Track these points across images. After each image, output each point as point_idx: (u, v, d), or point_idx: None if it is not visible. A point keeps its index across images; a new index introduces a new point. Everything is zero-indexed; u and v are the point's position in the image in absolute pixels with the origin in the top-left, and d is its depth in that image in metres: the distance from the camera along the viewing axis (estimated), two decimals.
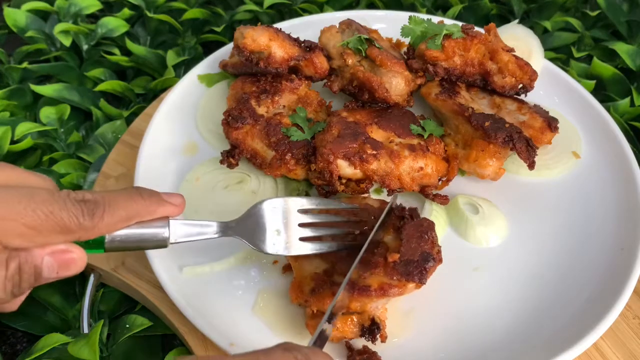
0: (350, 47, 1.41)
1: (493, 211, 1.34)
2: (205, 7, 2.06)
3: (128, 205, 0.93)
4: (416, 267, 1.06)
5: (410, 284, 1.05)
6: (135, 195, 0.95)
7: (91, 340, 1.15)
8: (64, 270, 0.89)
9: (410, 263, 1.07)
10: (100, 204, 0.88)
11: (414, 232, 1.12)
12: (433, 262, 1.07)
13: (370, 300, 1.05)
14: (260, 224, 1.10)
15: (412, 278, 1.05)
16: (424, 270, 1.06)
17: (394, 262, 1.07)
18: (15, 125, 1.60)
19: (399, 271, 1.06)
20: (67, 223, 0.84)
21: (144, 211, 0.96)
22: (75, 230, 0.85)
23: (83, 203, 0.86)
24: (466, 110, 1.33)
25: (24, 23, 1.91)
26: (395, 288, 1.05)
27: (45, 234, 0.83)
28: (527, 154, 1.28)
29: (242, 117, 1.33)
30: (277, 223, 1.11)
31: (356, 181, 1.30)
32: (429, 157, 1.30)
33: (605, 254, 1.27)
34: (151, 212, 0.97)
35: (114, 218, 0.90)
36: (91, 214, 0.86)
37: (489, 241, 1.30)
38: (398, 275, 1.05)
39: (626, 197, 1.35)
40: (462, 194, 1.37)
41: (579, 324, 1.14)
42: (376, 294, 1.04)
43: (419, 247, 1.09)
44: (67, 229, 0.84)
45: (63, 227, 0.83)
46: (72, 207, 0.84)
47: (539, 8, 2.08)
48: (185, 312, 1.13)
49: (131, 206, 0.93)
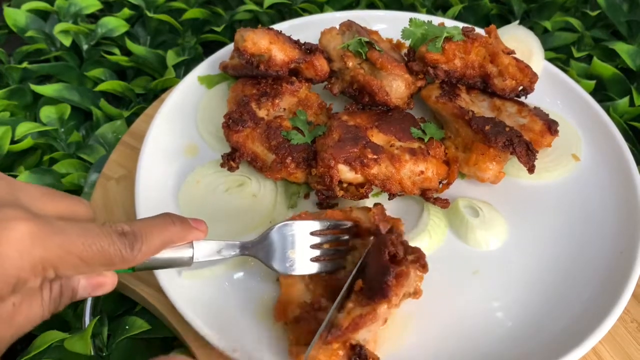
0: (351, 50, 1.41)
1: (493, 214, 1.34)
2: (205, 7, 2.06)
3: (162, 233, 0.99)
4: (377, 286, 1.01)
5: (380, 307, 1.00)
6: (168, 223, 1.01)
7: (85, 334, 1.17)
8: (96, 292, 0.98)
9: (371, 282, 1.03)
10: (138, 237, 0.93)
11: (374, 253, 1.09)
12: (393, 274, 1.01)
13: (346, 338, 1.01)
14: (275, 245, 1.16)
15: (375, 297, 1.00)
16: (385, 285, 1.00)
17: (361, 290, 1.04)
18: (15, 125, 1.60)
19: (365, 297, 1.02)
20: (112, 257, 0.89)
21: (175, 238, 1.03)
22: (116, 263, 0.90)
23: (124, 236, 0.91)
24: (466, 113, 1.33)
25: (24, 23, 1.90)
26: (365, 317, 0.99)
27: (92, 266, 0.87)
28: (527, 158, 1.28)
29: (243, 120, 1.33)
30: (291, 245, 1.16)
31: (356, 186, 1.30)
32: (429, 161, 1.30)
33: (604, 258, 1.27)
34: (181, 238, 1.04)
35: (150, 248, 0.96)
36: (132, 246, 0.91)
37: (489, 244, 1.30)
38: (366, 301, 1.02)
39: (625, 201, 1.35)
40: (462, 197, 1.37)
41: (577, 328, 1.14)
42: (349, 330, 0.99)
43: (376, 263, 1.05)
44: (111, 262, 0.89)
45: (109, 260, 0.88)
46: (117, 242, 0.89)
47: (539, 8, 2.07)
48: (185, 316, 1.14)
49: (165, 234, 1.00)
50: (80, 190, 1.51)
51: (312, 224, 1.17)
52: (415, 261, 1.06)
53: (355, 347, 1.02)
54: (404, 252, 1.07)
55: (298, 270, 1.15)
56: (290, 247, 1.16)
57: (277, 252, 1.15)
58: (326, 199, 1.30)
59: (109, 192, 1.44)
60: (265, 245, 1.15)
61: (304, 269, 1.15)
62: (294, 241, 1.16)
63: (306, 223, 1.17)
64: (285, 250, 1.16)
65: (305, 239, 1.17)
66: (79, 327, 1.27)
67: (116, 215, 1.40)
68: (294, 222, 1.17)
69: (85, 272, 0.89)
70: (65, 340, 1.18)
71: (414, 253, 1.08)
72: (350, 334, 1.00)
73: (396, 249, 1.07)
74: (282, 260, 1.15)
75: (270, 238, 1.16)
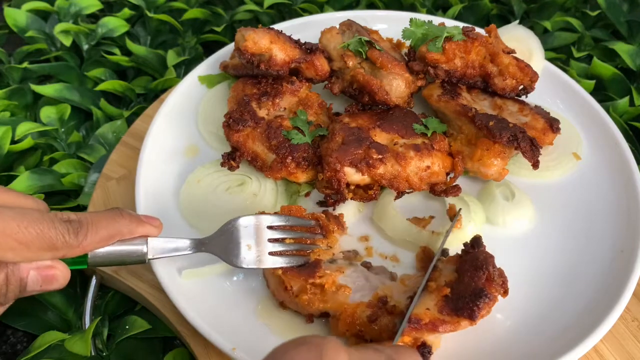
0: (351, 49, 1.41)
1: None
2: (205, 7, 2.06)
3: (110, 225, 1.01)
4: (467, 303, 1.01)
5: (463, 321, 1.01)
6: (116, 215, 1.03)
7: (85, 336, 1.17)
8: (47, 285, 0.97)
9: (461, 298, 1.03)
10: (84, 224, 0.96)
11: (469, 266, 1.07)
12: (486, 299, 1.01)
13: (420, 334, 1.03)
14: (233, 240, 1.15)
15: (462, 314, 1.01)
16: (475, 307, 1.01)
17: (445, 297, 1.05)
18: (15, 125, 1.60)
19: (449, 306, 1.03)
20: (54, 241, 0.91)
21: (125, 230, 1.04)
22: (61, 248, 0.92)
23: (69, 223, 0.94)
24: (469, 110, 1.33)
25: (24, 23, 1.91)
26: (446, 324, 1.02)
27: (34, 250, 0.89)
28: (532, 153, 1.28)
29: (243, 119, 1.33)
30: (248, 239, 1.15)
31: (364, 187, 1.30)
32: (434, 155, 1.30)
33: (605, 256, 1.27)
34: (131, 230, 1.05)
35: (96, 237, 0.97)
36: (76, 232, 0.94)
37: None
38: (448, 311, 1.03)
39: (626, 200, 1.35)
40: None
41: (578, 326, 1.14)
42: (426, 328, 1.02)
43: (472, 281, 1.04)
44: (54, 246, 0.91)
45: (50, 244, 0.90)
46: (59, 226, 0.92)
47: (539, 8, 2.08)
48: (186, 315, 1.14)
49: (113, 226, 1.01)
50: (80, 190, 1.51)
51: (269, 218, 1.17)
52: (501, 285, 1.06)
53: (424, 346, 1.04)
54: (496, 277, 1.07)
55: (257, 264, 1.14)
56: (247, 241, 1.15)
57: (234, 247, 1.14)
58: (335, 203, 1.30)
59: (109, 192, 1.45)
60: (222, 241, 1.15)
61: (264, 263, 1.14)
62: (251, 234, 1.15)
63: (264, 217, 1.17)
64: (243, 244, 1.15)
65: (265, 232, 1.16)
66: (79, 326, 1.27)
67: None
68: (250, 216, 1.17)
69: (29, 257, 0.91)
70: (66, 340, 1.18)
71: (501, 277, 1.08)
72: (426, 331, 1.02)
73: (494, 272, 1.06)
74: (239, 255, 1.14)
75: (227, 233, 1.15)
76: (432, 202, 1.39)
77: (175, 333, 1.24)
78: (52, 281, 0.97)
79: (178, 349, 1.24)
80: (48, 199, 1.50)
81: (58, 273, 0.97)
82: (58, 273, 0.97)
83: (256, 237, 1.16)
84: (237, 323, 1.16)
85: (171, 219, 1.32)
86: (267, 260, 1.14)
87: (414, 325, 1.02)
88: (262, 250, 1.15)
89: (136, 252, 1.06)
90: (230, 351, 1.09)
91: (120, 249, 1.04)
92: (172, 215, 1.33)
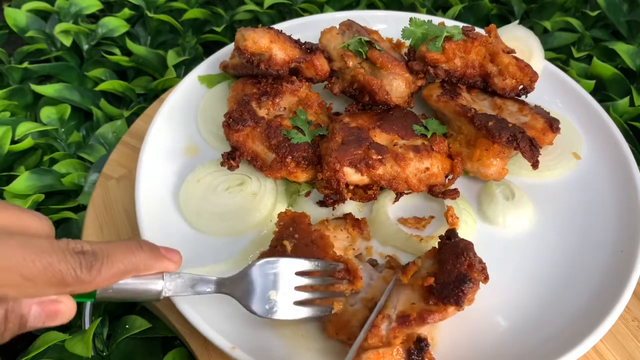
0: (351, 49, 1.41)
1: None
2: (205, 7, 2.06)
3: (126, 258, 0.89)
4: (452, 290, 1.02)
5: (450, 308, 1.02)
6: (135, 248, 0.92)
7: (86, 337, 1.16)
8: (51, 321, 0.86)
9: (446, 286, 1.03)
10: (99, 257, 0.84)
11: (450, 255, 1.08)
12: (470, 284, 1.02)
13: (411, 330, 1.03)
14: (254, 284, 1.06)
15: (448, 301, 1.01)
16: (461, 292, 1.01)
17: (430, 286, 1.05)
18: (15, 125, 1.61)
19: (435, 295, 1.03)
20: (64, 276, 0.79)
21: (141, 265, 0.93)
22: (71, 284, 0.81)
23: (82, 255, 0.82)
24: (469, 110, 1.33)
25: (24, 23, 1.91)
26: (435, 314, 1.02)
27: (40, 285, 0.78)
28: (531, 153, 1.28)
29: (243, 119, 1.33)
30: (272, 286, 1.07)
31: (363, 187, 1.30)
32: (434, 157, 1.31)
33: (605, 256, 1.27)
34: (149, 267, 0.95)
35: (111, 272, 0.86)
36: (89, 267, 0.82)
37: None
38: (434, 299, 1.03)
39: (626, 200, 1.35)
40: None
41: (579, 326, 1.14)
42: (416, 322, 1.02)
43: (454, 268, 1.05)
44: (64, 282, 0.80)
45: (60, 279, 0.79)
46: (70, 260, 0.80)
47: (539, 8, 2.08)
48: (186, 315, 1.14)
49: (130, 260, 0.90)
50: (80, 189, 1.51)
51: (298, 263, 1.09)
52: (481, 271, 1.07)
53: (419, 340, 1.03)
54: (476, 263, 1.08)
55: (279, 315, 1.05)
56: (272, 287, 1.06)
57: (257, 292, 1.05)
58: (334, 203, 1.30)
59: (109, 191, 1.45)
60: (244, 284, 1.05)
61: (286, 314, 1.06)
62: (276, 281, 1.06)
63: (291, 261, 1.08)
64: (266, 290, 1.06)
65: (290, 279, 1.07)
66: (79, 326, 1.26)
67: (116, 214, 1.40)
68: (278, 259, 1.08)
69: (33, 293, 0.80)
70: (66, 341, 1.18)
71: (480, 263, 1.08)
72: (415, 326, 1.02)
73: (475, 259, 1.07)
74: (262, 302, 1.05)
75: (250, 276, 1.06)
76: (432, 202, 1.39)
77: (175, 333, 1.24)
78: (57, 317, 0.86)
79: (178, 348, 1.24)
80: (48, 199, 1.50)
81: (64, 308, 0.86)
82: (64, 308, 0.86)
83: (281, 284, 1.07)
84: (236, 322, 1.15)
85: (171, 219, 1.32)
86: (291, 311, 1.06)
87: (403, 323, 1.02)
88: (287, 299, 1.06)
89: (150, 290, 0.96)
90: (230, 350, 1.09)
91: (134, 286, 0.94)
92: (171, 214, 1.33)
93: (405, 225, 1.34)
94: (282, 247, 1.12)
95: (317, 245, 1.13)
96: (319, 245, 1.13)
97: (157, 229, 1.28)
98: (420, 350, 1.02)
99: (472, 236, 1.32)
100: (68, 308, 0.86)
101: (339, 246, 1.18)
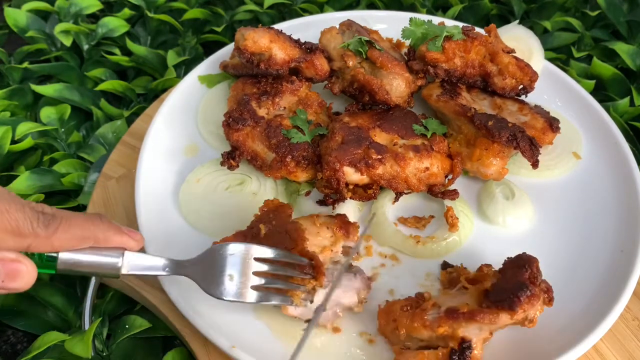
0: (351, 49, 1.41)
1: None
2: (205, 7, 2.06)
3: (85, 225, 0.92)
4: (507, 296, 1.00)
5: (502, 314, 0.99)
6: (95, 219, 0.95)
7: (86, 337, 1.16)
8: (10, 280, 0.87)
9: (502, 291, 1.02)
10: (57, 218, 0.88)
11: (512, 266, 1.08)
12: (528, 292, 1.00)
13: (458, 324, 1.02)
14: (215, 268, 1.07)
15: (502, 305, 0.99)
16: (516, 298, 0.99)
17: (486, 291, 1.05)
18: (15, 125, 1.60)
19: (489, 298, 1.02)
20: (20, 225, 0.83)
21: (100, 235, 0.95)
22: (27, 235, 0.84)
23: (41, 213, 0.86)
24: (469, 110, 1.33)
25: (24, 23, 1.91)
26: (485, 315, 0.99)
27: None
28: (531, 152, 1.28)
29: (243, 118, 1.33)
30: (231, 268, 1.07)
31: (363, 187, 1.30)
32: (433, 157, 1.31)
33: (605, 256, 1.27)
34: (107, 237, 0.96)
35: (68, 234, 0.89)
36: (46, 223, 0.86)
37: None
38: (488, 302, 1.02)
39: (626, 199, 1.35)
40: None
41: (579, 325, 1.14)
42: (464, 317, 1.00)
43: (514, 278, 1.03)
44: (20, 232, 0.83)
45: (16, 228, 0.83)
46: (29, 212, 0.84)
47: (539, 8, 2.08)
48: (186, 314, 1.14)
49: (88, 227, 0.92)
50: (80, 189, 1.51)
51: (260, 250, 1.09)
52: (546, 292, 1.06)
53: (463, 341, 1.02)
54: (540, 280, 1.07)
55: (234, 297, 1.05)
56: (231, 270, 1.07)
57: (215, 275, 1.06)
58: (334, 202, 1.30)
59: (109, 191, 1.45)
60: (203, 266, 1.06)
61: (241, 297, 1.06)
62: (235, 264, 1.07)
63: (253, 247, 1.08)
64: (224, 273, 1.06)
65: (250, 264, 1.07)
66: (79, 326, 1.26)
67: (117, 214, 1.40)
68: (241, 244, 1.08)
69: None
70: (66, 341, 1.18)
71: (545, 284, 1.08)
72: (463, 320, 1.00)
73: (537, 274, 1.06)
74: (219, 284, 1.05)
75: (209, 259, 1.07)
76: (432, 202, 1.39)
77: (175, 332, 1.24)
78: (16, 277, 0.87)
79: (178, 348, 1.24)
80: (48, 199, 1.50)
81: (23, 268, 0.87)
82: (23, 268, 0.87)
83: (241, 268, 1.07)
84: (237, 322, 1.15)
85: (171, 218, 1.32)
86: (249, 295, 1.06)
87: (450, 315, 1.01)
88: (245, 282, 1.06)
89: (110, 264, 0.97)
90: (230, 349, 1.09)
91: (93, 257, 0.96)
92: (171, 214, 1.33)
93: (405, 225, 1.34)
94: (257, 230, 1.13)
95: (289, 235, 1.12)
96: (291, 236, 1.12)
97: (157, 228, 1.28)
98: (462, 352, 1.00)
99: (470, 238, 1.32)
100: (27, 270, 0.88)
101: (316, 243, 1.15)
